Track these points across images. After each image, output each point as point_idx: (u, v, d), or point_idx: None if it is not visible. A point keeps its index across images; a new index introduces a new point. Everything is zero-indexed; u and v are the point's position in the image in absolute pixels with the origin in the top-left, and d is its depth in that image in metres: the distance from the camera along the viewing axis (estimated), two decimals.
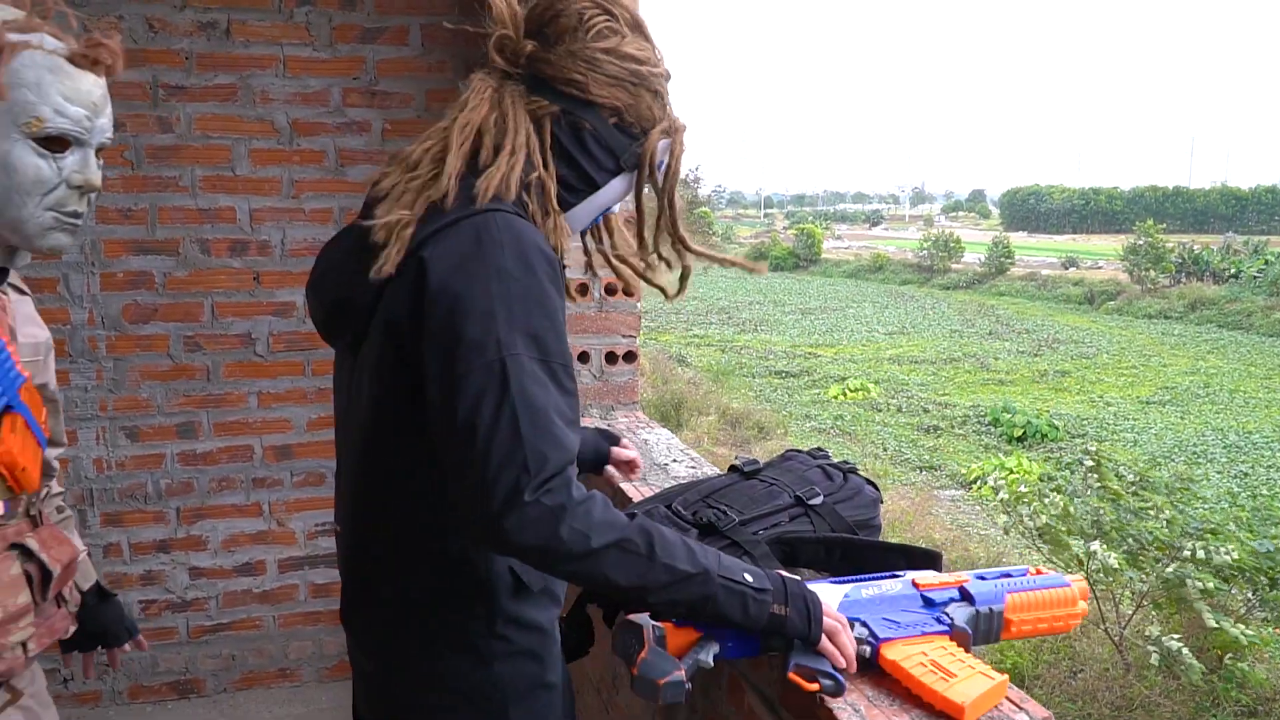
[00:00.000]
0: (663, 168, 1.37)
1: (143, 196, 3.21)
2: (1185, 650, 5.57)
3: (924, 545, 1.57)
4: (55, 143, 1.22)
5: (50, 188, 1.23)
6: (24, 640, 1.29)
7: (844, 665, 1.23)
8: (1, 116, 1.18)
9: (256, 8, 3.20)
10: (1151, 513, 6.72)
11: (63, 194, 1.25)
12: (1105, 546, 6.27)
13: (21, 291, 1.43)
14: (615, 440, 1.82)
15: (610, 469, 1.84)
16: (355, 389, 1.33)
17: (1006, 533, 7.66)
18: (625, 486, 2.15)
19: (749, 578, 1.23)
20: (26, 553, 1.30)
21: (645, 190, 1.40)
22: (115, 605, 1.78)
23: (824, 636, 1.24)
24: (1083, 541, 6.45)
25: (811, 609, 1.24)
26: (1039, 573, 1.40)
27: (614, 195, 1.38)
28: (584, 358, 2.81)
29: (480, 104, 1.28)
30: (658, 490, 2.08)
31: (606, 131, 1.32)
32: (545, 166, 1.29)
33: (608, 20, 1.31)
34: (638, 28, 1.35)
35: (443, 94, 3.33)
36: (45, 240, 1.27)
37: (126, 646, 1.75)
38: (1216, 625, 5.63)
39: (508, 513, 1.10)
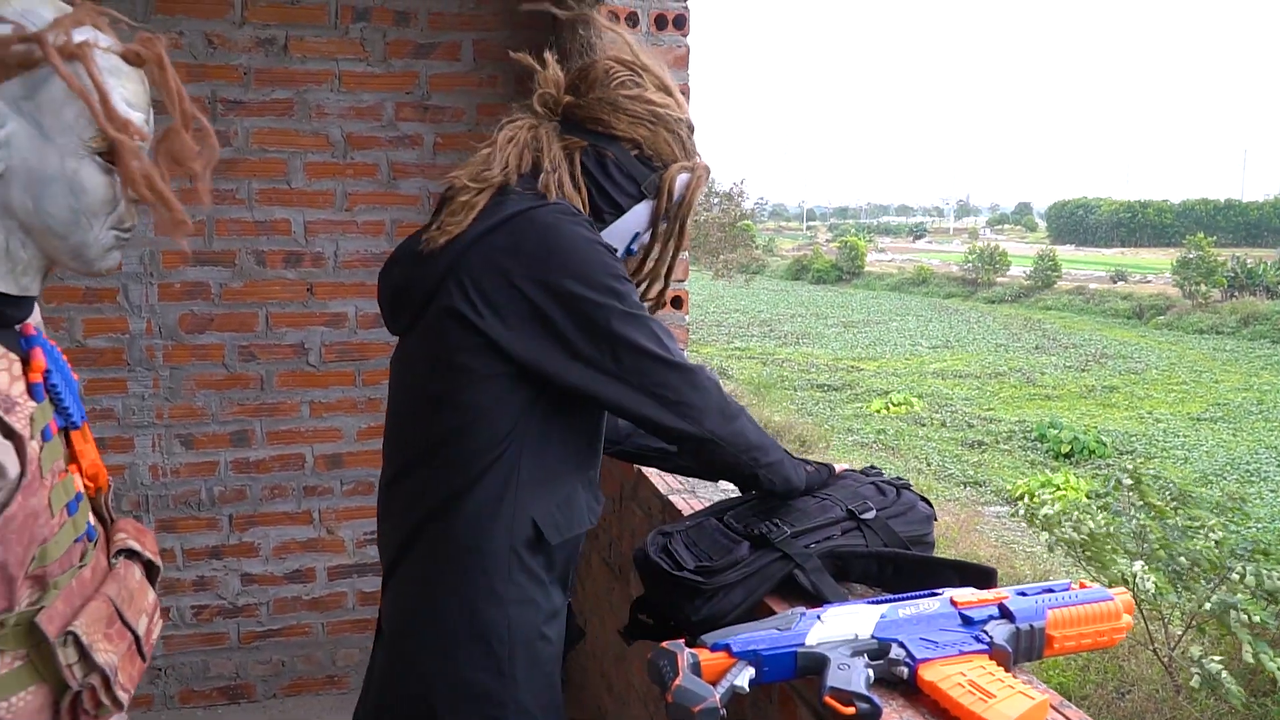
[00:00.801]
0: (678, 199, 1.60)
1: (200, 209, 3.28)
2: (1226, 674, 5.46)
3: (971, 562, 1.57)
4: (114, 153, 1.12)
5: (115, 205, 1.14)
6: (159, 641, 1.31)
7: None
8: (67, 132, 1.07)
9: (313, 24, 3.27)
10: (1200, 531, 6.60)
11: (123, 209, 1.16)
12: (1149, 566, 6.16)
13: None
14: None
15: None
16: (407, 363, 1.56)
17: (1051, 550, 7.57)
18: (675, 499, 2.16)
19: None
20: (133, 554, 1.31)
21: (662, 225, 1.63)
22: None
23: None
24: (1128, 560, 6.35)
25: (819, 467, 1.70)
26: (1083, 586, 1.39)
27: (639, 221, 1.60)
28: None
29: (519, 131, 1.53)
30: (708, 503, 2.10)
31: (628, 161, 1.56)
32: (577, 190, 1.53)
33: (630, 75, 1.57)
34: (663, 86, 1.59)
35: (493, 108, 3.38)
36: (105, 261, 1.18)
37: None
38: (1254, 659, 5.49)
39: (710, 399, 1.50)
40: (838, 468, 1.76)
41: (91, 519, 1.22)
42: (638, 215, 1.58)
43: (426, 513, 1.51)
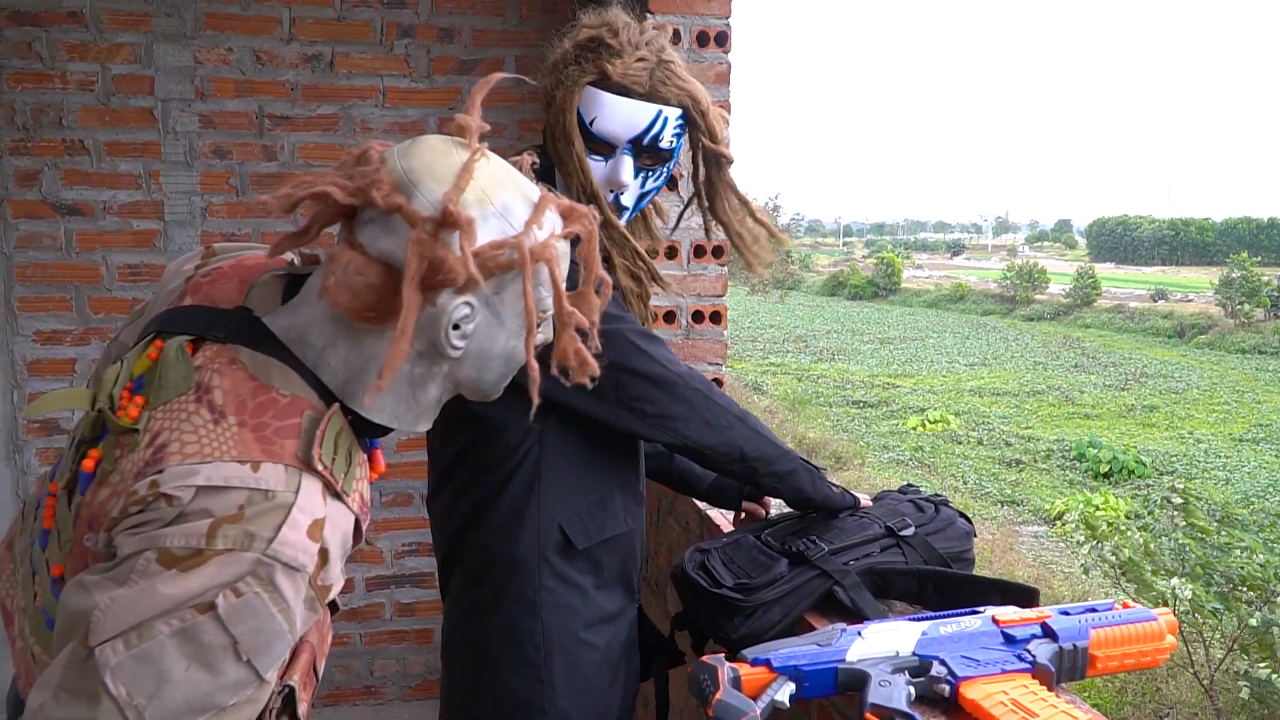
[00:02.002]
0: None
1: (246, 221, 3.34)
2: (1276, 677, 5.37)
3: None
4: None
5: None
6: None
7: None
8: (516, 319, 1.12)
9: (359, 40, 3.32)
10: (1243, 551, 6.51)
11: None
12: (1186, 582, 6.08)
13: None
14: (754, 498, 1.88)
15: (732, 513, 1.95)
16: None
17: (1086, 572, 7.49)
18: (713, 514, 2.17)
19: (810, 461, 1.59)
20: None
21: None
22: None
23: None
24: (1168, 579, 6.27)
25: (830, 498, 1.63)
26: (1126, 606, 1.38)
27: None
28: None
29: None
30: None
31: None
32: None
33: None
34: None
35: (534, 124, 3.41)
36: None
37: None
38: None
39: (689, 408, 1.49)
40: (863, 501, 1.72)
41: None
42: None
43: (460, 524, 1.55)
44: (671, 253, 2.79)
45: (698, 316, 2.85)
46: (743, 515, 1.88)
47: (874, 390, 23.31)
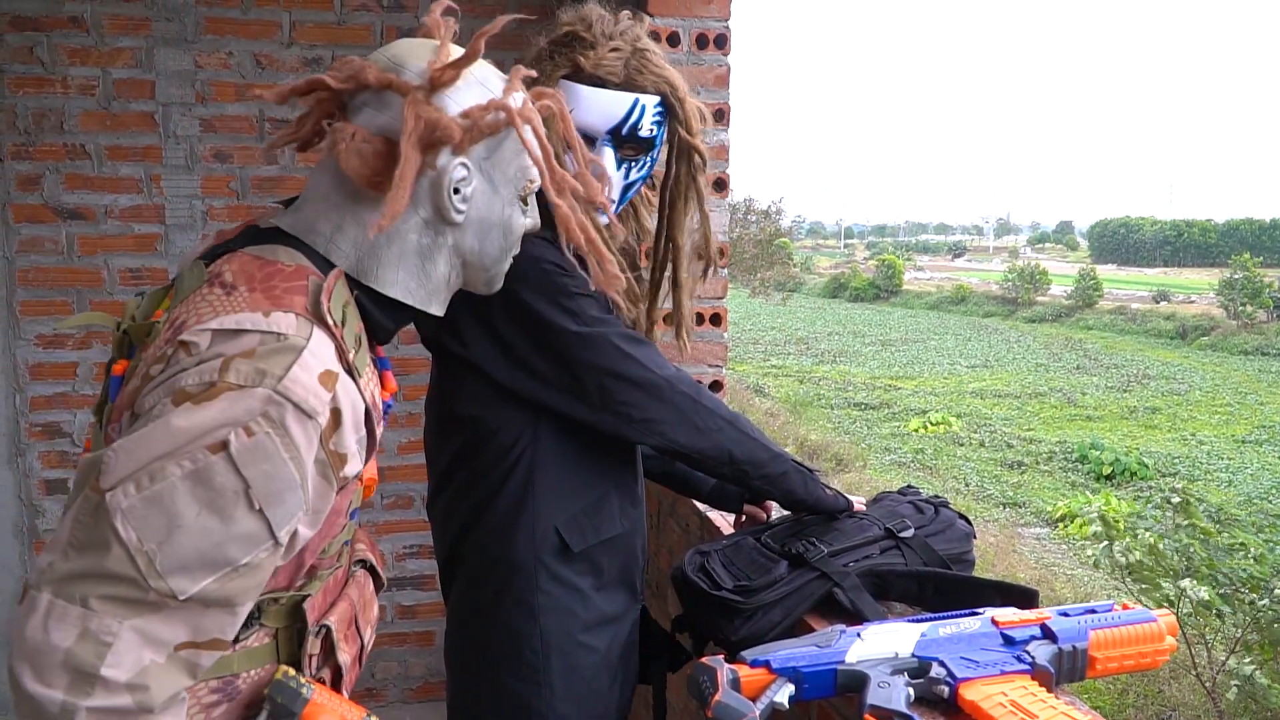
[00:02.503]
0: None
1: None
2: (1259, 673, 5.38)
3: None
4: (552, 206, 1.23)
5: (519, 239, 1.27)
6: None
7: None
8: (508, 184, 1.19)
9: (359, 44, 3.32)
10: (1242, 550, 6.51)
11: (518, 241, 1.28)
12: (1197, 583, 6.08)
13: None
14: (757, 501, 1.87)
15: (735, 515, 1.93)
16: (432, 384, 1.61)
17: (1096, 566, 7.48)
18: (713, 516, 2.17)
19: (803, 462, 1.59)
20: (369, 566, 1.38)
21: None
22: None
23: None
24: (1173, 581, 6.27)
25: (821, 500, 1.63)
26: (1126, 607, 1.38)
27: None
28: None
29: None
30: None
31: None
32: None
33: None
34: None
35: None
36: (501, 285, 1.30)
37: None
38: None
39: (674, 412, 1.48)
40: (856, 504, 1.71)
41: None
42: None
43: (459, 528, 1.56)
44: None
45: (698, 319, 2.85)
46: (744, 519, 1.88)
47: (875, 392, 23.30)
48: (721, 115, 2.79)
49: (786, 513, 1.77)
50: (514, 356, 1.44)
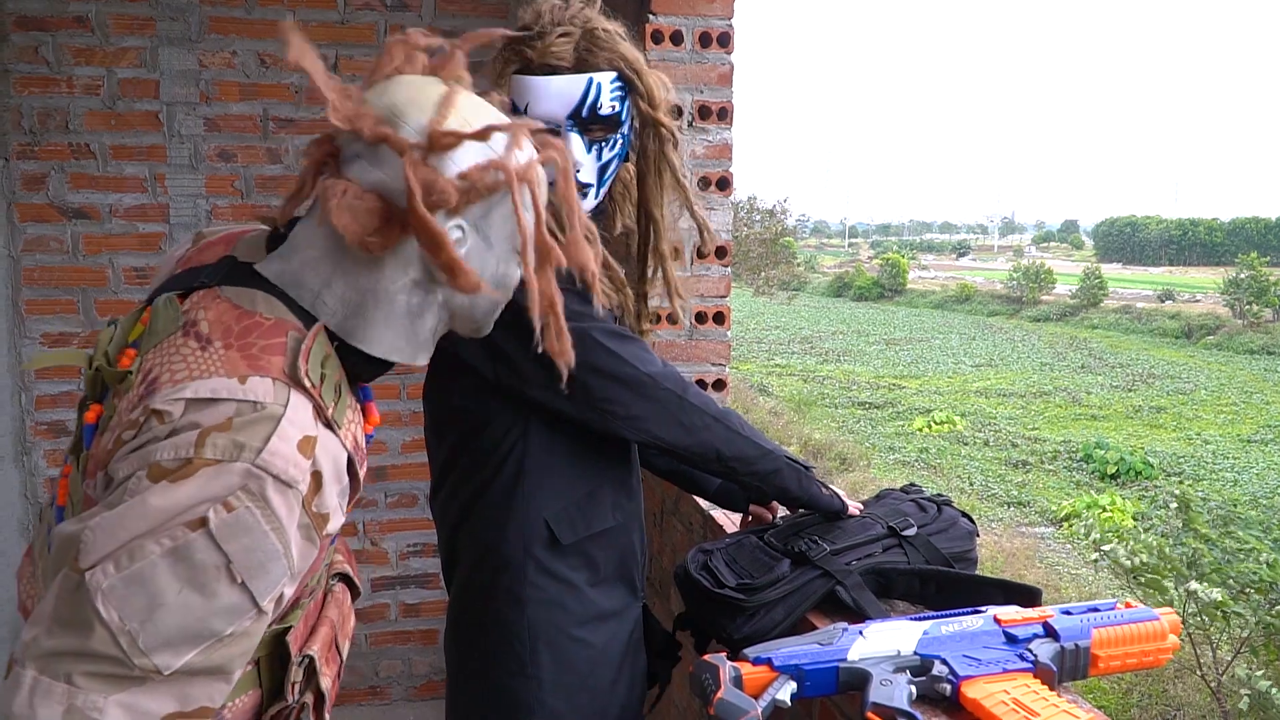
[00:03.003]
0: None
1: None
2: (1276, 690, 5.36)
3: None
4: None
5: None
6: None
7: None
8: (504, 243, 1.16)
9: (362, 44, 3.33)
10: (1250, 554, 6.49)
11: None
12: (1207, 586, 6.06)
13: None
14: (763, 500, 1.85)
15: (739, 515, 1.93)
16: (426, 381, 1.62)
17: (1097, 571, 7.46)
18: (716, 514, 2.17)
19: (800, 459, 1.58)
20: (346, 579, 1.36)
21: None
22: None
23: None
24: (1178, 584, 6.24)
25: (817, 499, 1.62)
26: (1129, 606, 1.38)
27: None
28: None
29: None
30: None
31: None
32: None
33: None
34: None
35: None
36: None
37: None
38: None
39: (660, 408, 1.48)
40: (851, 508, 1.70)
41: None
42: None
43: (455, 521, 1.57)
44: (675, 253, 2.79)
45: (701, 317, 2.85)
46: (749, 518, 1.87)
47: (880, 391, 23.27)
48: (725, 114, 2.79)
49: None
50: (496, 351, 1.44)
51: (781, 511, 1.82)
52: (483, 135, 1.08)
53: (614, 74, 1.49)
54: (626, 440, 1.61)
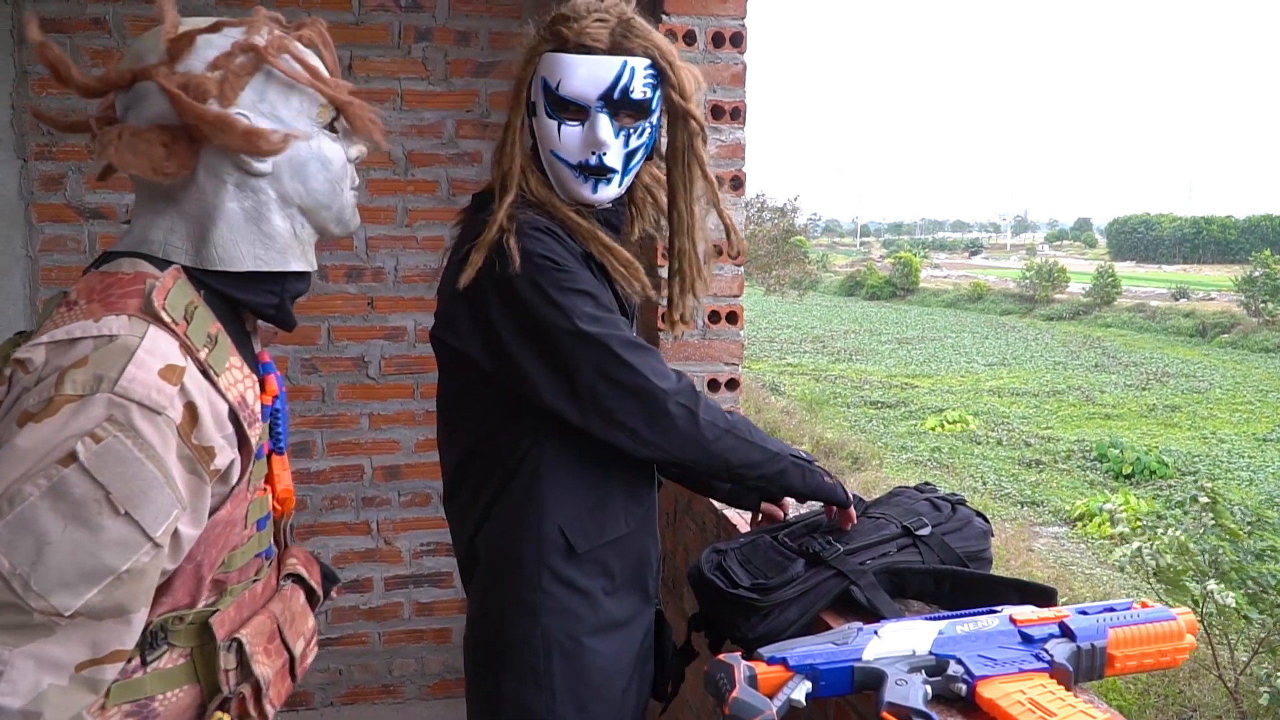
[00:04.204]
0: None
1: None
2: None
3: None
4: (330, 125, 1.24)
5: (348, 168, 1.27)
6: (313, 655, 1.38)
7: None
8: (298, 116, 1.18)
9: (377, 44, 3.34)
10: (1272, 554, 6.45)
11: (352, 171, 1.28)
12: (1224, 587, 6.02)
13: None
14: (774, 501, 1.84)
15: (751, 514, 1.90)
16: (439, 382, 1.60)
17: (1122, 570, 7.42)
18: (730, 514, 2.17)
19: (802, 452, 1.57)
20: (300, 580, 1.38)
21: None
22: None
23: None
24: (1199, 583, 6.20)
25: (823, 489, 1.59)
26: (1145, 606, 1.37)
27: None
28: None
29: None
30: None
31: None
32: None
33: None
34: None
35: None
36: (355, 219, 1.31)
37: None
38: None
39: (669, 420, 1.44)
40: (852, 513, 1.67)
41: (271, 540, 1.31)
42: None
43: (473, 527, 1.56)
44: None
45: (714, 316, 2.85)
46: (761, 517, 1.86)
47: (892, 390, 23.22)
48: (738, 113, 2.79)
49: (803, 510, 1.77)
50: (505, 353, 1.43)
51: (793, 508, 1.82)
52: (215, 28, 1.15)
53: (648, 61, 1.50)
54: None
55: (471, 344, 1.45)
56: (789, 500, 1.81)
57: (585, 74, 1.47)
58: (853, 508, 1.66)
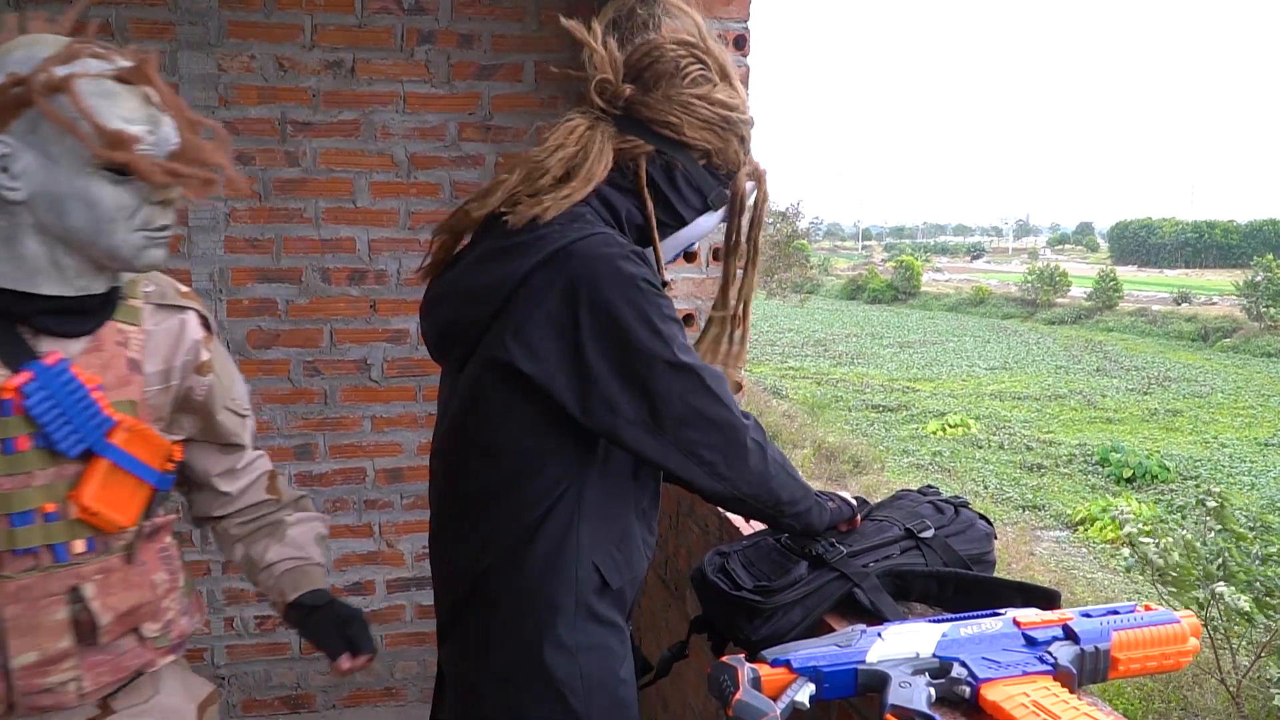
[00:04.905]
0: (749, 215, 1.52)
1: (269, 227, 3.36)
2: None
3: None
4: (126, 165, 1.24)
5: (134, 210, 1.28)
6: (69, 680, 1.32)
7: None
8: (69, 155, 1.22)
9: (380, 47, 3.34)
10: (1276, 559, 6.44)
11: (147, 213, 1.30)
12: (1234, 590, 6.01)
13: (180, 308, 1.53)
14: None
15: None
16: (456, 405, 1.45)
17: (1128, 571, 7.41)
18: (732, 516, 2.17)
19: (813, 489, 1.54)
20: (79, 597, 1.32)
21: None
22: (324, 618, 1.63)
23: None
24: (1204, 587, 6.18)
25: (834, 514, 1.56)
26: (1148, 609, 1.37)
27: (698, 233, 1.50)
28: None
29: (568, 142, 1.42)
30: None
31: (696, 172, 1.44)
32: (643, 203, 1.43)
33: (701, 69, 1.43)
34: (726, 76, 1.46)
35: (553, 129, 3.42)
36: (143, 259, 1.32)
37: (343, 662, 1.60)
38: None
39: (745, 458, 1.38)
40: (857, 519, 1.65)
41: (78, 544, 1.31)
42: (697, 227, 1.49)
43: (486, 565, 1.43)
44: (690, 256, 2.80)
45: None
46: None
47: (893, 394, 23.22)
48: None
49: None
50: (590, 378, 1.32)
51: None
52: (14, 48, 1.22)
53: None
54: (658, 474, 1.52)
55: (549, 367, 1.32)
56: None
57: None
58: (858, 514, 1.64)
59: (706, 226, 1.50)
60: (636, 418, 1.33)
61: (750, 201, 1.51)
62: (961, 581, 1.57)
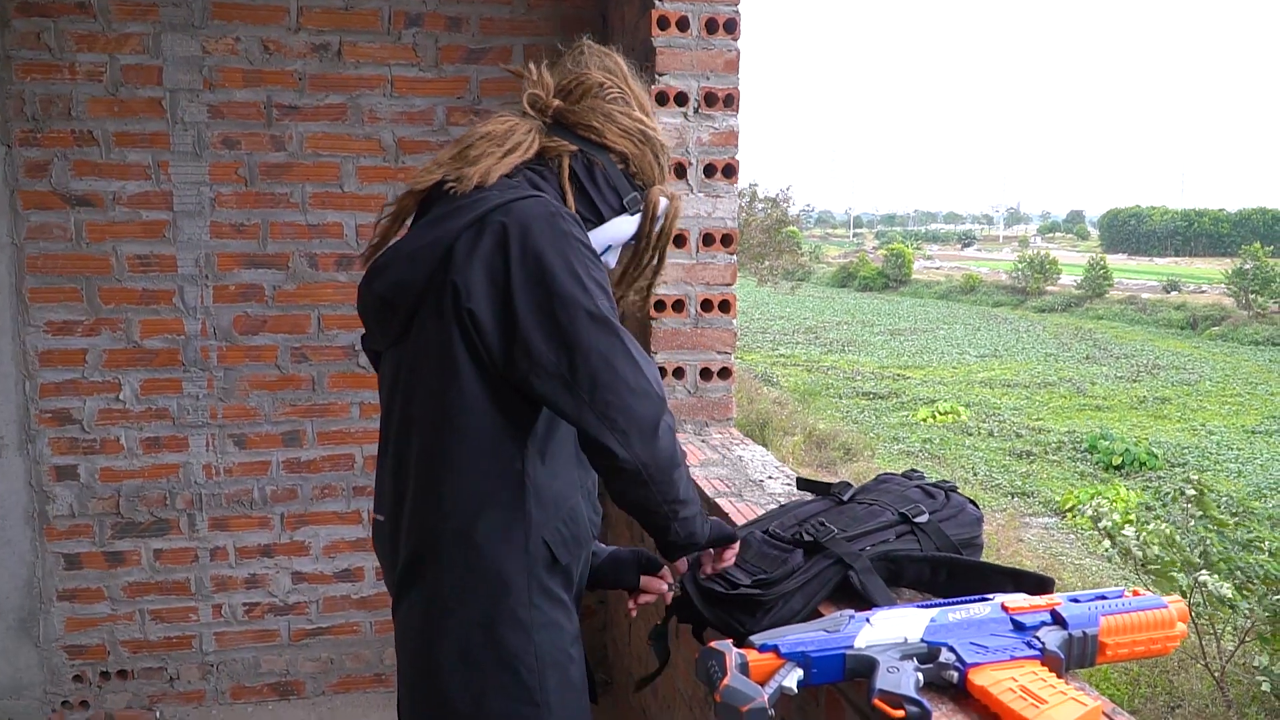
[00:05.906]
0: (659, 224, 1.59)
1: (255, 212, 3.34)
2: None
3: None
4: None
5: None
6: None
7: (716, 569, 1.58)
8: None
9: (367, 29, 3.32)
10: (1259, 545, 6.48)
11: None
12: (1216, 578, 6.05)
13: None
14: (652, 569, 1.71)
15: (633, 600, 1.74)
16: (408, 378, 1.47)
17: (1110, 560, 7.44)
18: (722, 501, 2.16)
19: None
20: None
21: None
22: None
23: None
24: (1187, 574, 6.22)
25: (714, 527, 1.52)
26: (1136, 594, 1.37)
27: (616, 233, 1.57)
28: (679, 373, 2.83)
29: (498, 127, 1.52)
30: (755, 507, 2.09)
31: (615, 174, 1.55)
32: (564, 195, 1.50)
33: (621, 94, 1.57)
34: (644, 108, 1.59)
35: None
36: None
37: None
38: None
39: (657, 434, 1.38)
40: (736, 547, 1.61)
41: None
42: (616, 227, 1.56)
43: (436, 540, 1.44)
44: (680, 241, 2.78)
45: (706, 305, 2.84)
46: (640, 595, 1.71)
47: (884, 382, 23.25)
48: (731, 100, 2.77)
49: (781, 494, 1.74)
50: (514, 323, 1.35)
51: (673, 576, 1.71)
52: None
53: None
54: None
55: (485, 316, 1.36)
56: (673, 568, 1.67)
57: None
58: (738, 543, 1.60)
59: (622, 230, 1.57)
60: (555, 371, 1.35)
61: (661, 211, 1.59)
62: (955, 567, 1.56)
